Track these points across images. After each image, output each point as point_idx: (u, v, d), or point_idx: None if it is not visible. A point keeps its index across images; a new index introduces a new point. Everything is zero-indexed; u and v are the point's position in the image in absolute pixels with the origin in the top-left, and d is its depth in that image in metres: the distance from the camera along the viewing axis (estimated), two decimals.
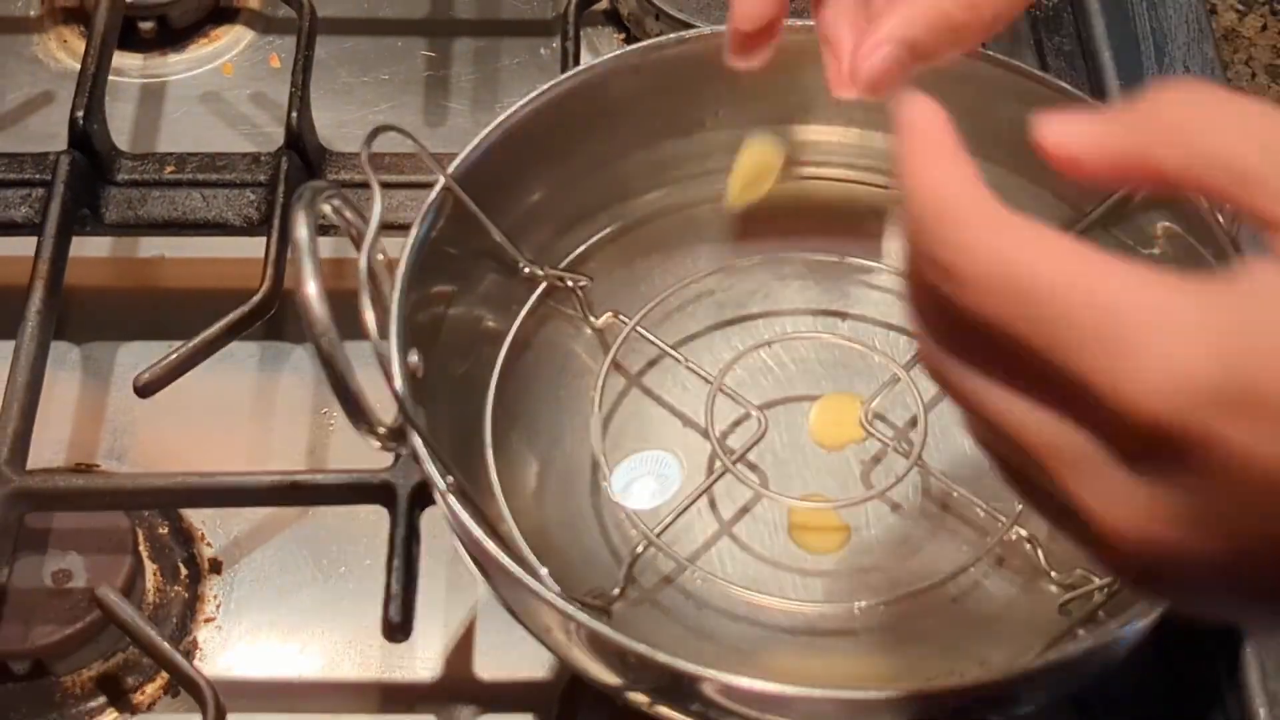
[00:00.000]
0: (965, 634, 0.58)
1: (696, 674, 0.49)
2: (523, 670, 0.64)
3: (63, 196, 0.71)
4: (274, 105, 0.82)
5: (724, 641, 0.57)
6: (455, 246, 0.60)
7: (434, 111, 0.83)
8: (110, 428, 0.71)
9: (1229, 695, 0.61)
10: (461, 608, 0.66)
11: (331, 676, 0.65)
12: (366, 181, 0.51)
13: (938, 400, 0.64)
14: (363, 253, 0.51)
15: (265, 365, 0.73)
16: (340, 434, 0.71)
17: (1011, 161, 0.64)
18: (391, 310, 0.56)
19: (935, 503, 0.61)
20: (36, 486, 0.63)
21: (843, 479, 0.62)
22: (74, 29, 0.85)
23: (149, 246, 0.78)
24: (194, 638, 0.65)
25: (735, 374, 0.63)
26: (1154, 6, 0.80)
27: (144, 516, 0.67)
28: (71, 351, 0.74)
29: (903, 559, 0.60)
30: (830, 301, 0.66)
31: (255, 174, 0.74)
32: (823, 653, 0.57)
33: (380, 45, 0.86)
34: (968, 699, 0.50)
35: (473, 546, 0.53)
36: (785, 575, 0.59)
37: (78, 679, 0.63)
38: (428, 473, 0.52)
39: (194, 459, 0.69)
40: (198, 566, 0.67)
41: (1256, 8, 0.85)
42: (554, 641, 0.53)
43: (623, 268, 0.65)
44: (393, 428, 0.52)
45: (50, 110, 0.82)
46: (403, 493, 0.62)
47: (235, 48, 0.85)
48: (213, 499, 0.65)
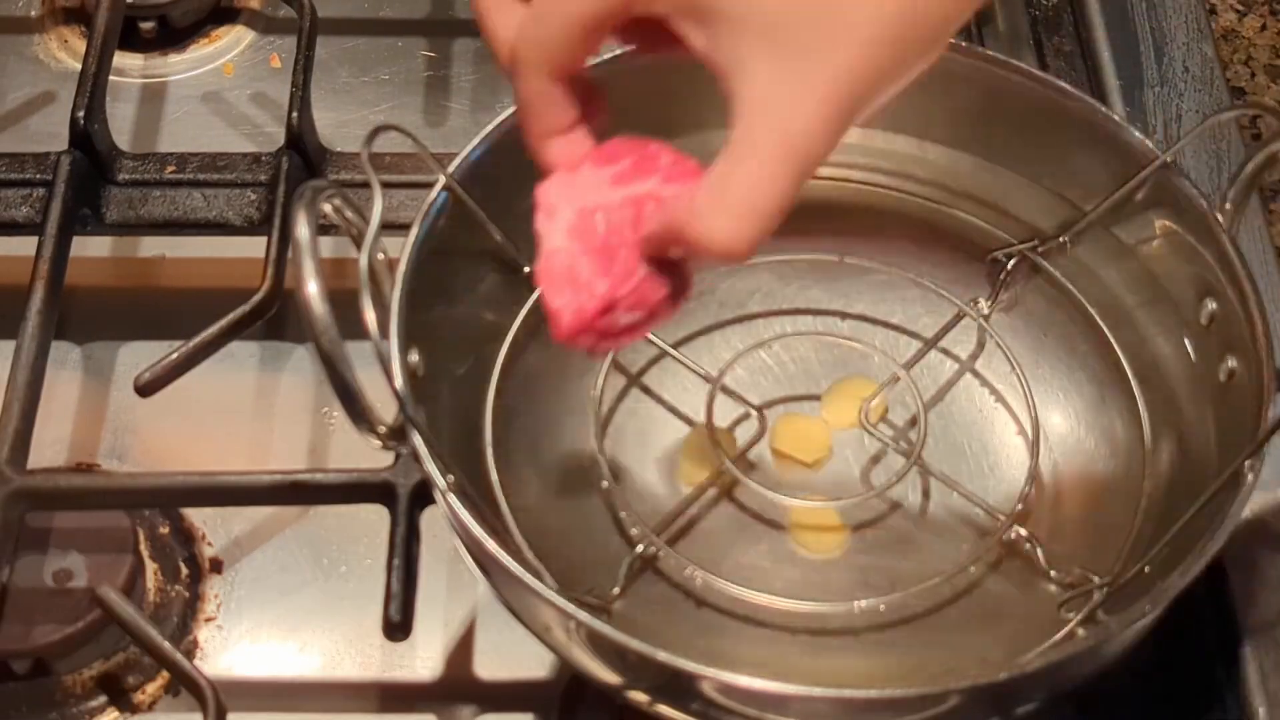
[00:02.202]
0: (965, 633, 0.58)
1: (696, 672, 0.49)
2: (523, 670, 0.64)
3: (64, 196, 0.71)
4: (274, 105, 0.82)
5: (724, 640, 0.57)
6: (456, 246, 0.60)
7: (434, 111, 0.83)
8: (111, 427, 0.71)
9: (1228, 694, 0.61)
10: (462, 607, 0.66)
11: (332, 676, 0.65)
12: (367, 181, 0.51)
13: (938, 400, 0.64)
14: (363, 252, 0.51)
15: (266, 365, 0.73)
16: (340, 433, 0.71)
17: (1013, 161, 0.65)
18: (392, 310, 0.56)
19: (934, 502, 0.61)
20: (37, 486, 0.63)
21: (842, 478, 0.62)
22: (75, 29, 0.85)
23: (150, 246, 0.78)
24: (194, 637, 0.65)
25: (735, 373, 0.63)
26: (1153, 6, 0.80)
27: (145, 516, 0.67)
28: (72, 351, 0.74)
29: (902, 558, 0.60)
30: (830, 301, 0.66)
31: (256, 174, 0.74)
32: (822, 652, 0.57)
33: (381, 45, 0.86)
34: (967, 698, 0.50)
35: (473, 546, 0.53)
36: (785, 574, 0.59)
37: (79, 678, 0.64)
38: (428, 472, 0.52)
39: (194, 459, 0.69)
40: (198, 566, 0.67)
41: (1256, 8, 0.85)
42: (554, 640, 0.53)
43: None
44: (393, 427, 0.52)
45: (51, 110, 0.82)
46: (403, 492, 0.62)
47: (236, 48, 0.85)
48: (213, 498, 0.65)
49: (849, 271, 0.66)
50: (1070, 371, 0.64)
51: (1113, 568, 0.58)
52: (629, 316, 0.49)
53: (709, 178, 0.44)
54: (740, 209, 0.43)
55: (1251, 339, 0.57)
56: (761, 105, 0.42)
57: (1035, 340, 0.65)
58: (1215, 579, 0.62)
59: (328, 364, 0.49)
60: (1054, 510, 0.61)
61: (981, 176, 0.65)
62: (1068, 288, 0.65)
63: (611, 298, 0.48)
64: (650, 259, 0.49)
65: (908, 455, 0.60)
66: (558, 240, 0.49)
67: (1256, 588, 0.62)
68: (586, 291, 0.48)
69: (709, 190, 0.44)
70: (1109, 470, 0.62)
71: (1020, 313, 0.65)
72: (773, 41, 0.42)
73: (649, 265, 0.49)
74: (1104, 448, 0.62)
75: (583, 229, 0.49)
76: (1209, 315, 0.60)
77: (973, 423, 0.63)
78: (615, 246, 0.49)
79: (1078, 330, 0.65)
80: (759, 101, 0.43)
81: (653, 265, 0.49)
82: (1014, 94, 0.63)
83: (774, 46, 0.42)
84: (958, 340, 0.65)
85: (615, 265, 0.48)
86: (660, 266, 0.49)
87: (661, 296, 0.49)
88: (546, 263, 0.50)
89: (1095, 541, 0.60)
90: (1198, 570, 0.51)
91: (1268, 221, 0.73)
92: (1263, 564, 0.62)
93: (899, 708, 0.50)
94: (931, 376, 0.64)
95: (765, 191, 0.43)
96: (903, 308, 0.66)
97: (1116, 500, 0.60)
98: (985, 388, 0.64)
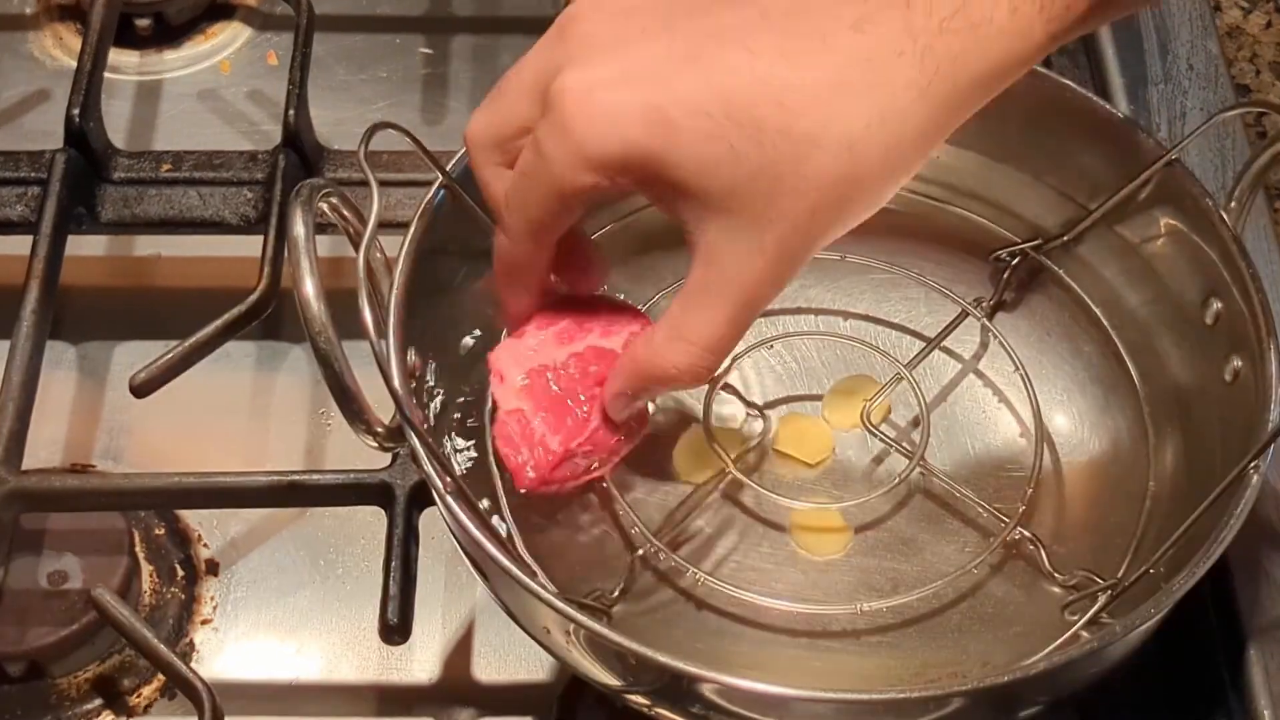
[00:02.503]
0: (968, 635, 0.57)
1: (696, 675, 0.49)
2: (522, 672, 0.64)
3: (58, 195, 0.71)
4: (271, 103, 0.82)
5: (725, 642, 0.57)
6: (454, 245, 0.60)
7: (432, 109, 0.83)
8: (106, 428, 0.71)
9: (1233, 696, 0.60)
10: (460, 609, 0.65)
11: (329, 679, 0.64)
12: (365, 180, 0.51)
13: (940, 400, 0.63)
14: (361, 251, 0.51)
15: (262, 365, 0.73)
16: (338, 434, 0.70)
17: (1016, 159, 0.65)
18: (389, 309, 0.56)
19: (938, 503, 0.60)
20: (32, 487, 0.63)
21: (845, 479, 0.62)
22: (70, 26, 0.85)
23: (145, 245, 0.77)
24: (191, 639, 0.65)
25: (737, 373, 0.63)
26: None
27: (140, 517, 0.67)
28: (67, 351, 0.73)
29: (904, 560, 0.59)
30: (832, 301, 0.66)
31: (252, 172, 0.73)
32: (825, 654, 0.57)
33: (378, 42, 0.85)
34: (970, 701, 0.50)
35: (471, 547, 0.53)
36: (786, 576, 0.59)
37: (73, 681, 0.63)
38: (426, 473, 0.52)
39: (190, 459, 0.69)
40: (194, 568, 0.67)
41: (1261, 5, 0.85)
42: (553, 643, 0.53)
43: (622, 265, 0.65)
44: (390, 428, 0.52)
45: (46, 108, 0.82)
46: (401, 493, 0.62)
47: (232, 45, 0.85)
48: (209, 500, 0.65)
49: (851, 270, 0.66)
50: (1074, 371, 0.64)
51: (1117, 569, 0.58)
52: (587, 460, 0.55)
53: (668, 319, 0.51)
54: (699, 346, 0.50)
55: (1257, 339, 0.56)
56: (718, 258, 0.48)
57: (1039, 340, 0.64)
58: (1220, 581, 0.62)
59: (324, 364, 0.49)
60: (1057, 511, 0.60)
61: (985, 175, 0.65)
62: (1072, 287, 0.65)
63: (566, 450, 0.54)
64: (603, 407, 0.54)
65: (910, 456, 0.60)
66: (511, 402, 0.55)
67: (1262, 589, 0.62)
68: (542, 447, 0.54)
69: (669, 331, 0.51)
70: (1113, 471, 0.61)
71: (1024, 312, 0.65)
72: (728, 210, 0.47)
73: (600, 414, 0.54)
74: (1108, 448, 0.62)
75: (533, 389, 0.55)
76: (1214, 315, 0.59)
77: (976, 423, 0.63)
78: (565, 401, 0.55)
79: (1081, 330, 0.64)
80: (716, 255, 0.48)
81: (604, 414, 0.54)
82: (1017, 92, 0.62)
83: (729, 213, 0.47)
84: (961, 340, 0.64)
85: (567, 419, 0.54)
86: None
87: (616, 440, 0.55)
88: (502, 425, 0.55)
89: (1099, 543, 0.59)
90: (1203, 572, 0.51)
91: (1273, 220, 0.73)
92: (1268, 565, 0.62)
93: (901, 711, 0.50)
94: (934, 377, 0.64)
95: (719, 332, 0.50)
96: (905, 307, 0.66)
97: (1121, 501, 0.60)
98: (988, 388, 0.64)
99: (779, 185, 0.46)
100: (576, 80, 0.47)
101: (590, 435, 0.54)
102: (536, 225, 0.51)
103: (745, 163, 0.46)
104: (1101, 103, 0.62)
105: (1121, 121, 0.62)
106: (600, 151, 0.47)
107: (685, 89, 0.46)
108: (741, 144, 0.46)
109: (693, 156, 0.46)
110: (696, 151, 0.46)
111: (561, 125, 0.47)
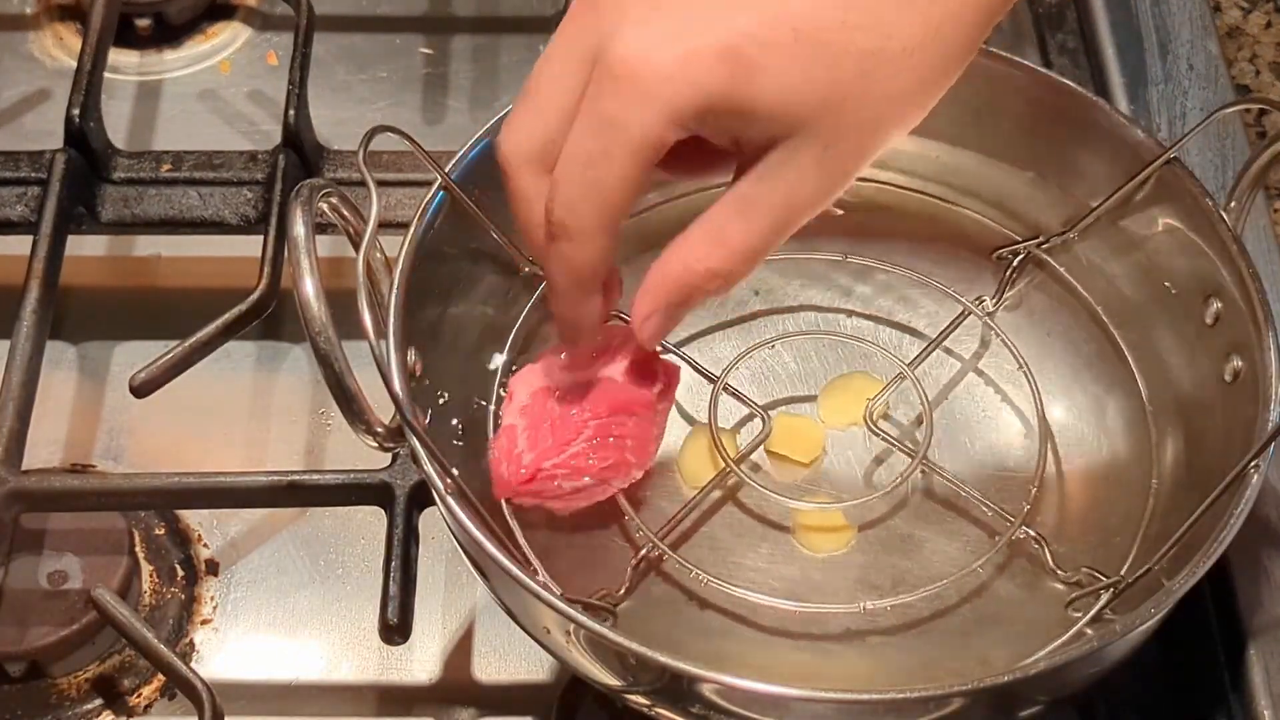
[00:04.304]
0: (971, 634, 0.57)
1: (697, 675, 0.49)
2: (522, 673, 0.64)
3: (58, 195, 0.71)
4: (271, 103, 0.82)
5: (727, 642, 0.57)
6: (454, 245, 0.60)
7: (432, 109, 0.82)
8: (106, 428, 0.71)
9: (1233, 696, 0.60)
10: (460, 609, 0.65)
11: (329, 679, 0.64)
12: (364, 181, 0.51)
13: (942, 399, 0.63)
14: (361, 252, 0.51)
15: (262, 365, 0.73)
16: (338, 434, 0.70)
17: (1017, 157, 0.65)
18: (390, 310, 0.56)
19: (941, 502, 0.60)
20: (32, 487, 0.63)
21: (847, 479, 0.62)
22: (70, 26, 0.85)
23: (145, 245, 0.77)
24: (191, 639, 0.65)
25: (738, 373, 0.63)
26: (1158, 3, 0.80)
27: (140, 517, 0.67)
28: (67, 351, 0.73)
29: (906, 559, 0.59)
30: (833, 300, 0.66)
31: (252, 172, 0.73)
32: (827, 654, 0.57)
33: (378, 42, 0.85)
34: (971, 700, 0.50)
35: (471, 548, 0.52)
36: (789, 576, 0.59)
37: (74, 681, 0.63)
38: (426, 473, 0.52)
39: (191, 459, 0.69)
40: (194, 568, 0.67)
41: (1261, 5, 0.85)
42: (553, 643, 0.53)
43: (622, 265, 0.65)
44: (390, 428, 0.52)
45: (46, 108, 0.82)
46: (400, 493, 0.62)
47: (232, 45, 0.85)
48: (209, 500, 0.65)
49: (852, 270, 0.66)
50: (1075, 370, 0.64)
51: (1119, 567, 0.58)
52: (571, 482, 0.56)
53: (707, 228, 0.50)
54: (739, 253, 0.50)
55: (1257, 338, 0.56)
56: (771, 175, 0.48)
57: (1040, 338, 0.64)
58: (1220, 580, 0.62)
59: (324, 364, 0.49)
60: (1060, 510, 0.60)
61: (986, 173, 0.65)
62: (1073, 285, 0.65)
63: (538, 467, 0.55)
64: (592, 436, 0.56)
65: (913, 455, 0.60)
66: (510, 418, 0.57)
67: (1262, 589, 0.61)
68: (517, 462, 0.56)
69: (708, 237, 0.50)
70: (1115, 469, 0.61)
71: (1025, 311, 0.65)
72: (794, 131, 0.47)
73: (587, 441, 0.56)
74: (1110, 446, 0.62)
75: (532, 408, 0.57)
76: (1214, 314, 0.59)
77: (978, 422, 0.63)
78: (552, 423, 0.56)
79: (1083, 328, 0.64)
80: (770, 172, 0.48)
81: (591, 441, 0.56)
82: (1018, 91, 0.62)
83: (795, 134, 0.47)
84: (962, 339, 0.64)
85: (548, 439, 0.56)
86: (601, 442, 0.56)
87: (600, 467, 0.56)
88: (496, 438, 0.58)
89: (1101, 541, 0.59)
90: (1204, 572, 0.51)
91: (1273, 220, 0.73)
92: (1268, 565, 0.62)
93: (901, 710, 0.50)
94: (936, 375, 0.64)
95: (761, 242, 0.49)
96: (906, 306, 0.66)
97: (1123, 499, 0.60)
98: (990, 386, 0.64)
99: (846, 104, 0.47)
100: (634, 41, 0.46)
101: (568, 459, 0.56)
102: (613, 209, 0.49)
103: (817, 85, 0.46)
104: (1101, 102, 0.62)
105: (1121, 120, 0.62)
106: (685, 104, 0.46)
107: (751, 24, 0.46)
108: (813, 68, 0.46)
109: (771, 88, 0.46)
110: (774, 82, 0.46)
111: (634, 89, 0.46)
